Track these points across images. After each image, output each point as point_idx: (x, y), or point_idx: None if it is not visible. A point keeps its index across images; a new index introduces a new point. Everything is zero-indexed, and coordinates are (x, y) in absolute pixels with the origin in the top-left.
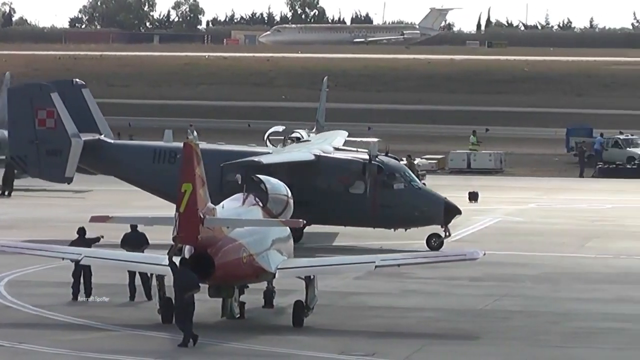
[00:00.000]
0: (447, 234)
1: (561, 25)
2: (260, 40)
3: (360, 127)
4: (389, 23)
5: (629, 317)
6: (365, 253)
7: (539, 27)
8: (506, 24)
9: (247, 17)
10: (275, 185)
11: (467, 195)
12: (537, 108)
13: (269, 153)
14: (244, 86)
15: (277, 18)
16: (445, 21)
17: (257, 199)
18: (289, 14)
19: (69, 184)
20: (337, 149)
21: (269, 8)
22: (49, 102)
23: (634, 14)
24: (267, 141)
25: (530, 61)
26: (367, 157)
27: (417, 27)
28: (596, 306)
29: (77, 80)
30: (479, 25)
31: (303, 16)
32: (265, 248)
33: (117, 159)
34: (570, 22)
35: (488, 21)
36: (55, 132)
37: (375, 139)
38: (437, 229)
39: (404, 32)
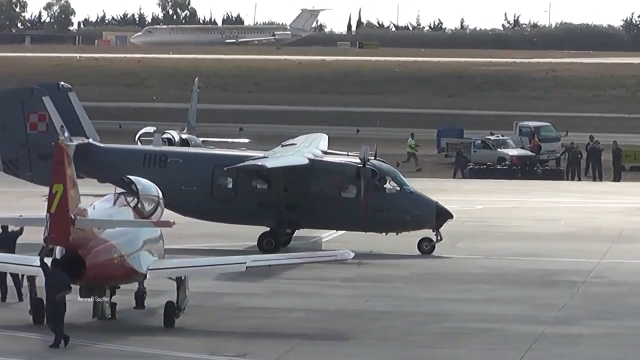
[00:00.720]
0: (439, 238)
1: (432, 26)
2: (131, 41)
3: (232, 128)
4: (260, 24)
5: (499, 317)
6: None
7: (410, 28)
8: (377, 25)
9: (119, 17)
10: (146, 186)
11: None
12: (408, 109)
13: (263, 157)
14: (115, 87)
15: (149, 19)
16: (317, 22)
17: (128, 199)
18: (161, 15)
19: None
20: (325, 152)
21: (140, 9)
22: (41, 105)
23: (505, 15)
24: (139, 142)
25: (401, 62)
26: (359, 161)
27: (288, 27)
28: (466, 306)
29: (63, 83)
30: (349, 26)
31: (174, 17)
32: (137, 249)
33: (107, 163)
34: (441, 23)
35: (359, 22)
36: (47, 136)
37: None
38: (428, 232)
39: (275, 32)
